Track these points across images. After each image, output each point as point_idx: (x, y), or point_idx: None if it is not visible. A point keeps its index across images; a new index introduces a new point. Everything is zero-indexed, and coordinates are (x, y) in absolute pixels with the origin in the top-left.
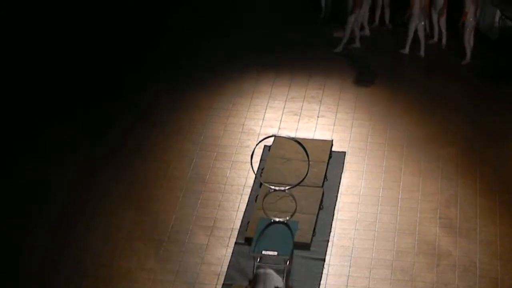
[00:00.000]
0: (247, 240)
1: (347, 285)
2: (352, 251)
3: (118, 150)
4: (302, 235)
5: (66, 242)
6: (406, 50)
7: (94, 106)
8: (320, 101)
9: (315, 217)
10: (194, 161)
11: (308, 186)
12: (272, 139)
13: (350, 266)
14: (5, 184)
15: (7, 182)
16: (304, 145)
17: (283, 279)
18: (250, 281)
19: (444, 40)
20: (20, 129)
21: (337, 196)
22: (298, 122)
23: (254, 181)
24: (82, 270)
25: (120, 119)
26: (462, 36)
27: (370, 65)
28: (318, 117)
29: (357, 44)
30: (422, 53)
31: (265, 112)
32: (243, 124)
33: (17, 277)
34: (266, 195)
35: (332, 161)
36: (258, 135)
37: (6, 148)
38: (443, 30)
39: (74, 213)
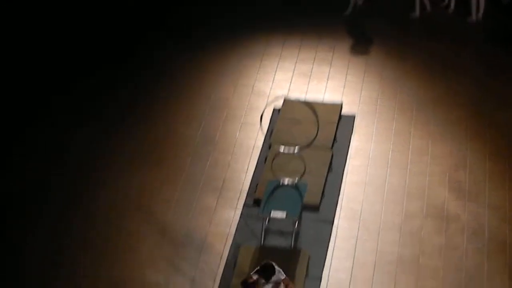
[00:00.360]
0: (256, 201)
1: (355, 248)
2: (360, 213)
3: (126, 111)
4: (311, 197)
5: (73, 202)
6: (417, 13)
7: (102, 69)
8: (330, 64)
9: (324, 179)
10: (203, 122)
11: (317, 148)
12: (281, 101)
13: (358, 228)
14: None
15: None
16: (313, 107)
17: (291, 240)
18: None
19: (452, 5)
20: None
21: (346, 159)
22: (308, 84)
23: (263, 142)
24: (89, 231)
25: (130, 82)
26: None
27: (380, 29)
28: (328, 79)
29: (349, 10)
30: (417, 13)
31: (275, 74)
32: (253, 86)
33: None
34: (275, 157)
35: (341, 123)
36: (268, 97)
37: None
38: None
39: (81, 175)
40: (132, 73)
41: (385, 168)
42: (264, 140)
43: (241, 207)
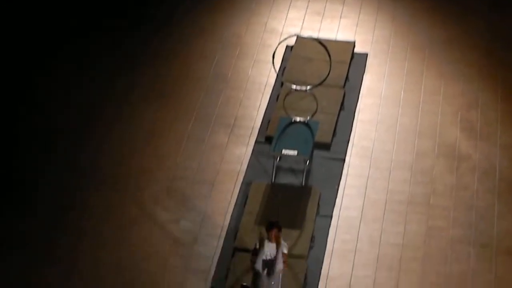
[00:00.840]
0: (268, 139)
1: (366, 186)
2: (372, 152)
3: (139, 50)
4: (322, 135)
5: (86, 138)
6: None
7: (115, 11)
8: (343, 2)
9: (336, 118)
10: (216, 59)
11: (329, 86)
12: (294, 38)
13: (370, 167)
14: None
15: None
16: (326, 45)
17: (303, 178)
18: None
19: None
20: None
21: (358, 97)
22: (321, 23)
23: (276, 80)
24: (100, 167)
25: (142, 23)
26: None
27: None
28: (341, 17)
29: None
30: None
31: (288, 12)
32: (266, 23)
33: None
34: (287, 95)
35: (354, 62)
36: (281, 35)
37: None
38: None
39: (94, 112)
40: (145, 12)
41: (397, 107)
42: (277, 78)
43: (253, 144)
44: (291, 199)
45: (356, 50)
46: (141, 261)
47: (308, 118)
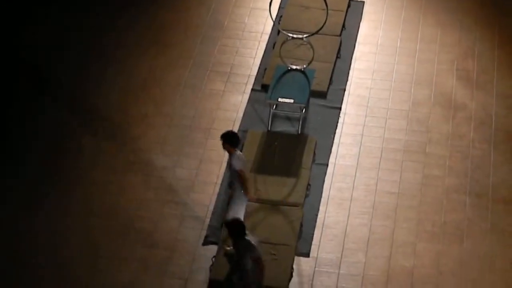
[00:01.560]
0: (264, 87)
1: (362, 134)
2: (368, 100)
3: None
4: (318, 83)
5: (80, 89)
6: None
7: None
8: None
9: (332, 66)
10: (212, 7)
11: (326, 34)
12: None
13: (366, 115)
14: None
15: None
16: None
17: (298, 126)
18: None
19: None
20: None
21: (354, 46)
22: None
23: (272, 28)
24: (97, 114)
25: None
26: None
27: None
28: None
29: None
30: None
31: None
32: None
33: (34, 128)
34: (284, 43)
35: (350, 10)
36: None
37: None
38: None
39: (88, 61)
40: None
41: (394, 56)
42: (273, 26)
43: (249, 92)
44: (287, 147)
45: None
46: (136, 208)
47: (305, 66)
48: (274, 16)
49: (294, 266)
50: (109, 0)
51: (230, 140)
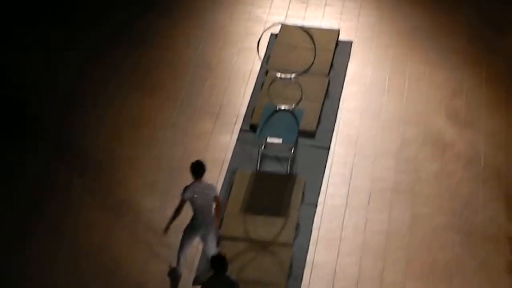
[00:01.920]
0: (252, 127)
1: (351, 174)
2: (357, 140)
3: (122, 36)
4: (307, 123)
5: (68, 129)
6: None
7: None
8: None
9: (320, 105)
10: (200, 47)
11: (314, 74)
12: (279, 26)
13: (354, 155)
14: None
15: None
16: (311, 33)
17: (287, 166)
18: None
19: None
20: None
21: (343, 85)
22: (306, 10)
23: (260, 68)
24: (85, 156)
25: (127, 5)
26: None
27: None
28: (325, 5)
29: None
30: None
31: (272, 0)
32: (250, 12)
33: (20, 168)
34: (272, 82)
35: (338, 50)
36: (265, 23)
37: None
38: None
39: (76, 101)
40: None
41: (382, 95)
42: (261, 66)
43: (238, 133)
44: (276, 187)
45: (341, 37)
46: (124, 249)
47: (293, 106)
48: (262, 55)
49: None
50: (96, 39)
51: (191, 170)
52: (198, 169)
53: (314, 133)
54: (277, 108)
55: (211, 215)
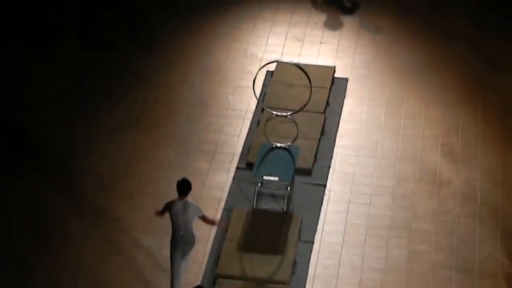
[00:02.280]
0: (249, 165)
1: (348, 211)
2: (353, 177)
3: (119, 75)
4: (303, 161)
5: (66, 167)
6: None
7: (95, 31)
8: (323, 27)
9: (316, 143)
10: (196, 85)
11: (310, 112)
12: (275, 64)
13: (351, 192)
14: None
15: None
16: (306, 71)
17: (284, 204)
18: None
19: None
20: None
21: (339, 123)
22: (301, 48)
23: (256, 106)
24: (81, 194)
25: (124, 44)
26: None
27: None
28: (321, 43)
29: None
30: None
31: (268, 38)
32: (246, 50)
33: (17, 206)
34: (268, 120)
35: (334, 87)
36: (261, 61)
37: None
38: None
39: (74, 139)
40: (124, 36)
41: (378, 132)
42: (257, 104)
43: (234, 171)
44: (272, 224)
45: (337, 75)
46: None
47: (289, 143)
48: (258, 93)
49: None
50: (94, 78)
51: (176, 188)
52: (183, 187)
53: (310, 171)
54: (273, 146)
55: (190, 233)
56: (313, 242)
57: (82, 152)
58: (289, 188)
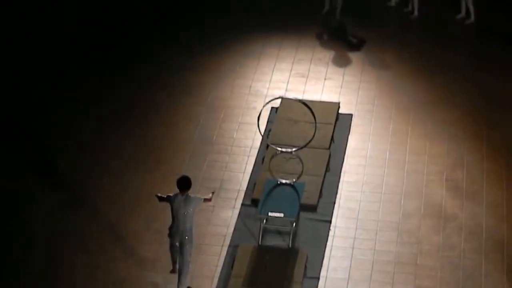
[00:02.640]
0: (254, 201)
1: (353, 247)
2: (358, 213)
3: (125, 112)
4: (308, 197)
5: (73, 202)
6: (415, 14)
7: (102, 70)
8: (327, 63)
9: (321, 179)
10: (201, 122)
11: (315, 148)
12: (279, 100)
13: (356, 228)
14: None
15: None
16: (311, 107)
17: (289, 240)
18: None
19: (473, 17)
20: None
21: (343, 158)
22: (305, 84)
23: (261, 142)
24: (88, 231)
25: (129, 82)
26: None
27: (376, 29)
28: (325, 79)
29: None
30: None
31: (272, 74)
32: (250, 86)
33: (26, 237)
34: (273, 157)
35: (339, 123)
36: (265, 97)
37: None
38: (470, 6)
39: (81, 176)
40: (128, 74)
41: (383, 168)
42: (262, 140)
43: (239, 207)
44: (278, 261)
45: (341, 111)
46: None
47: (294, 180)
48: (262, 130)
49: None
50: (102, 114)
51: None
52: (181, 183)
53: (315, 207)
54: (278, 182)
55: (188, 225)
56: (318, 278)
57: (89, 189)
58: (294, 224)
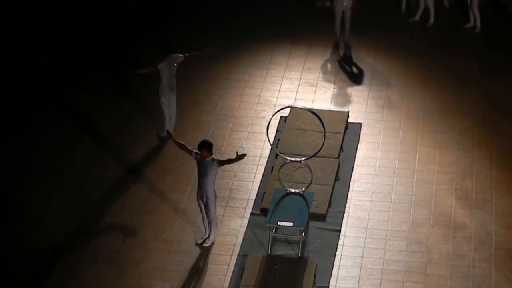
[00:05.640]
0: (263, 211)
1: (362, 256)
2: (367, 222)
3: (133, 121)
4: (317, 206)
5: (82, 214)
6: (431, 21)
7: (108, 78)
8: (336, 73)
9: (331, 188)
10: (210, 131)
11: (324, 157)
12: (288, 110)
13: (365, 237)
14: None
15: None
16: (320, 116)
17: (298, 249)
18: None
19: (478, 24)
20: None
21: (353, 167)
22: (315, 93)
23: (270, 152)
24: (96, 241)
25: (136, 90)
26: (471, 4)
27: (385, 37)
28: (334, 88)
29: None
30: (431, 20)
31: (281, 83)
32: (259, 95)
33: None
34: (282, 166)
35: (348, 132)
36: (274, 106)
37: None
38: (476, 14)
39: (88, 187)
40: (136, 83)
41: (392, 177)
42: (271, 150)
43: (248, 216)
44: (287, 270)
45: (350, 120)
46: None
47: (303, 189)
48: (271, 139)
49: None
50: (109, 123)
51: (206, 146)
52: (202, 147)
53: (324, 216)
54: (288, 192)
55: (208, 182)
56: None
57: (98, 200)
58: (303, 233)
